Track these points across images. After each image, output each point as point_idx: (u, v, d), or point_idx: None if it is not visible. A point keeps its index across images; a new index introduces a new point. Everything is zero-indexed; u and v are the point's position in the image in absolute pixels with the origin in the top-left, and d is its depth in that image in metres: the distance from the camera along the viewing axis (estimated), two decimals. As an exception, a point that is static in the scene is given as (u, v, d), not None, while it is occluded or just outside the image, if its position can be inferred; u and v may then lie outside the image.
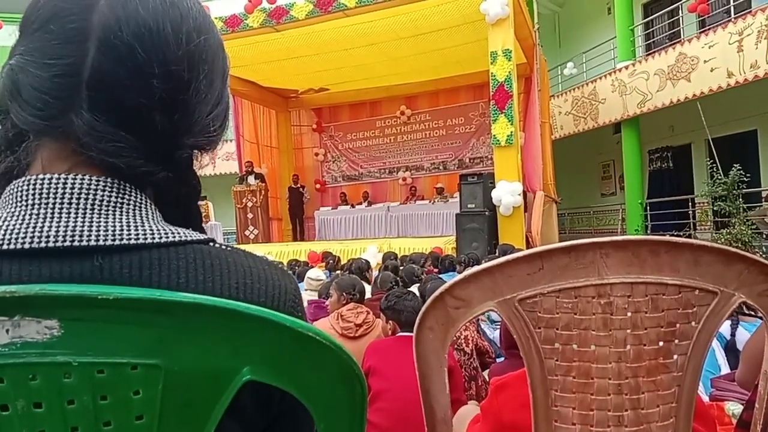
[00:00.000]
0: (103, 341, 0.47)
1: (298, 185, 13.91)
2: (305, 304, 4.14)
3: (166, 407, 0.49)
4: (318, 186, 15.00)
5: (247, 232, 12.37)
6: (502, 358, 3.35)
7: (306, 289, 4.99)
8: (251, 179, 12.59)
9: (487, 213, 8.57)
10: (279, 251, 10.24)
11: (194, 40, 0.58)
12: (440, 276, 4.98)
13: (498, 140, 8.38)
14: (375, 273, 5.63)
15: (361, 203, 13.54)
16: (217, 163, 17.50)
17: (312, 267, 7.43)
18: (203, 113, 0.62)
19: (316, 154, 15.12)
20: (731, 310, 0.88)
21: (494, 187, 8.35)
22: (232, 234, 14.00)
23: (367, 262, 6.21)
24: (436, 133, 14.04)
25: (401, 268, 5.54)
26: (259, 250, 9.80)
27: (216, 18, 10.01)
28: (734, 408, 1.83)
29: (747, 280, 0.86)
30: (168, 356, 0.48)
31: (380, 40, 10.41)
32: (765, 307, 0.88)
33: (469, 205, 8.91)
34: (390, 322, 2.73)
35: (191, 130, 0.61)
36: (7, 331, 0.45)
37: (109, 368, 0.47)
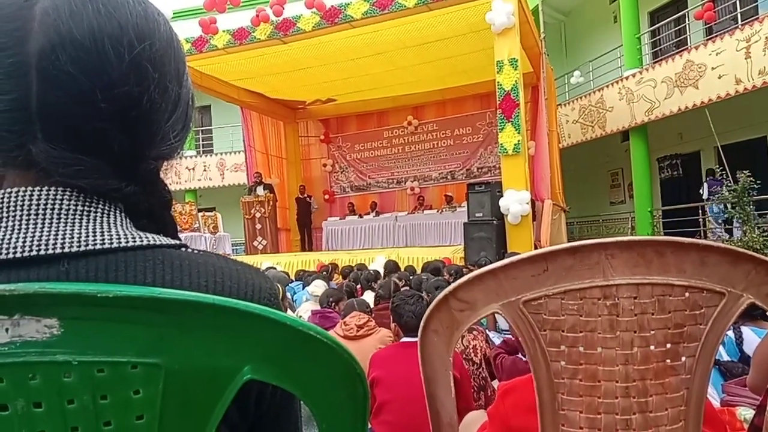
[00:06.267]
0: (103, 340, 0.46)
1: (305, 195, 13.94)
2: (308, 314, 4.16)
3: (167, 407, 0.48)
4: (327, 196, 15.03)
5: (255, 243, 12.37)
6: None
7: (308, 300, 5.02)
8: (260, 190, 12.61)
9: (495, 222, 8.52)
10: (287, 261, 10.24)
11: (137, 49, 0.56)
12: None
13: (505, 149, 8.37)
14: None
15: (369, 213, 13.56)
16: (226, 174, 17.60)
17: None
18: (161, 122, 0.61)
19: (324, 165, 15.18)
20: (739, 312, 0.87)
21: (502, 196, 8.33)
22: (240, 245, 14.04)
23: (376, 273, 6.20)
24: (444, 142, 14.06)
25: (411, 278, 5.52)
26: (267, 260, 9.89)
27: (224, 31, 10.11)
28: (746, 413, 1.80)
29: (755, 281, 0.85)
30: (168, 355, 0.48)
31: (387, 50, 10.46)
32: (774, 308, 0.87)
33: (477, 215, 8.88)
34: (394, 324, 2.72)
35: (152, 142, 0.60)
36: (7, 330, 0.44)
37: (109, 367, 0.47)
